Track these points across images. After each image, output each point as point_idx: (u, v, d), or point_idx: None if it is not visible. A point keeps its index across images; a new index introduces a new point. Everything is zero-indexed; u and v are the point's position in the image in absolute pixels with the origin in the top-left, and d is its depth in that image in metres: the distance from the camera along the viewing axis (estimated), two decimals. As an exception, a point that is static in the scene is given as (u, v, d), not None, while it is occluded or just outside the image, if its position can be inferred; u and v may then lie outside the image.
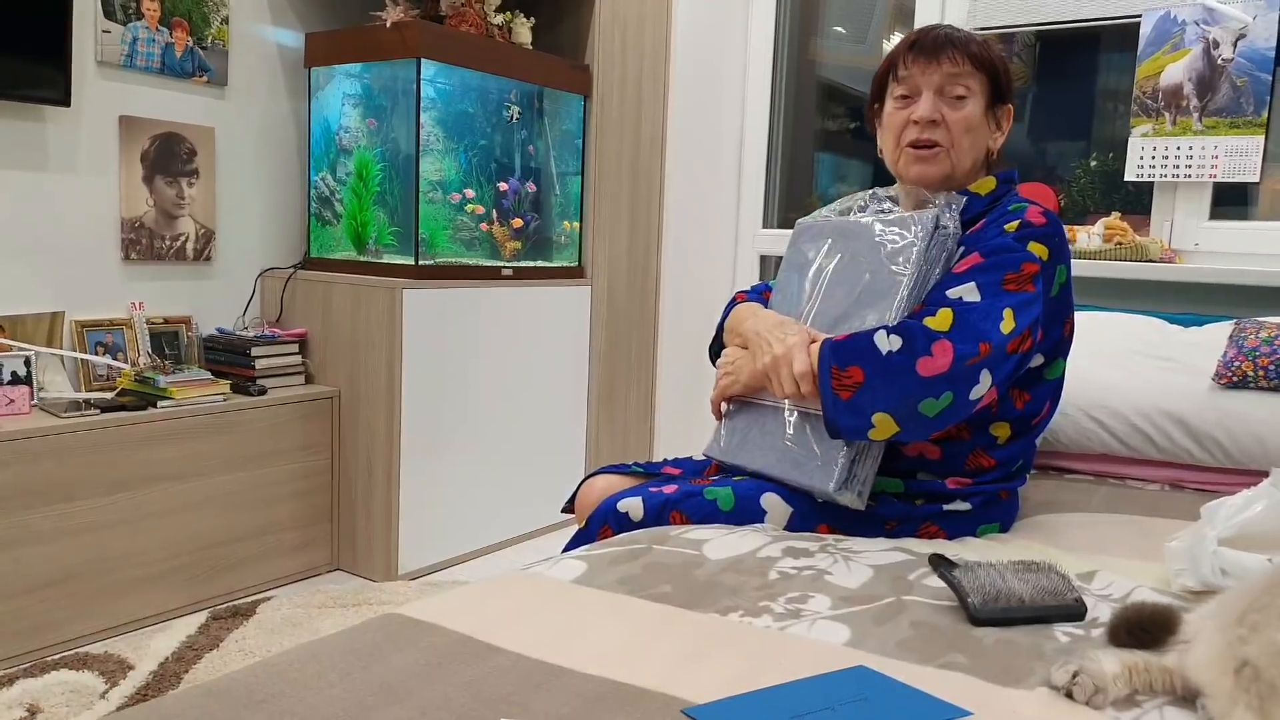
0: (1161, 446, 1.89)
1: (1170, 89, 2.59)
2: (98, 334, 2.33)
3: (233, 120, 2.60)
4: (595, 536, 1.43)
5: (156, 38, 2.39)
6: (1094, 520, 1.59)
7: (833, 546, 1.31)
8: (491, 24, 2.70)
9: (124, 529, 2.11)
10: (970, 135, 1.44)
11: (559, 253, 3.06)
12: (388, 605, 2.25)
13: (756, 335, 1.42)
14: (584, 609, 1.06)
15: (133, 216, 2.39)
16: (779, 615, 1.06)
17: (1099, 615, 1.08)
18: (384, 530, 2.50)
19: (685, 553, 1.25)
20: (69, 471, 2.01)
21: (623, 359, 3.23)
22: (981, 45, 1.45)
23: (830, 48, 3.59)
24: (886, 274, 1.38)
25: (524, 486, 2.88)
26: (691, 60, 3.36)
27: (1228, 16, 2.50)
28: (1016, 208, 1.40)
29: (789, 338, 1.35)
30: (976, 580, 1.09)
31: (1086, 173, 2.92)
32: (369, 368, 2.50)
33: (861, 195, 1.58)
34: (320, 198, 2.76)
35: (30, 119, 2.20)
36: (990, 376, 1.27)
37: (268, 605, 2.23)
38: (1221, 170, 2.52)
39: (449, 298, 2.57)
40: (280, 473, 2.43)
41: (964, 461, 1.42)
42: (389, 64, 2.61)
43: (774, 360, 1.35)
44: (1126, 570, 1.27)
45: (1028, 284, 1.32)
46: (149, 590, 2.17)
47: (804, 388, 1.31)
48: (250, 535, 2.37)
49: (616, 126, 3.09)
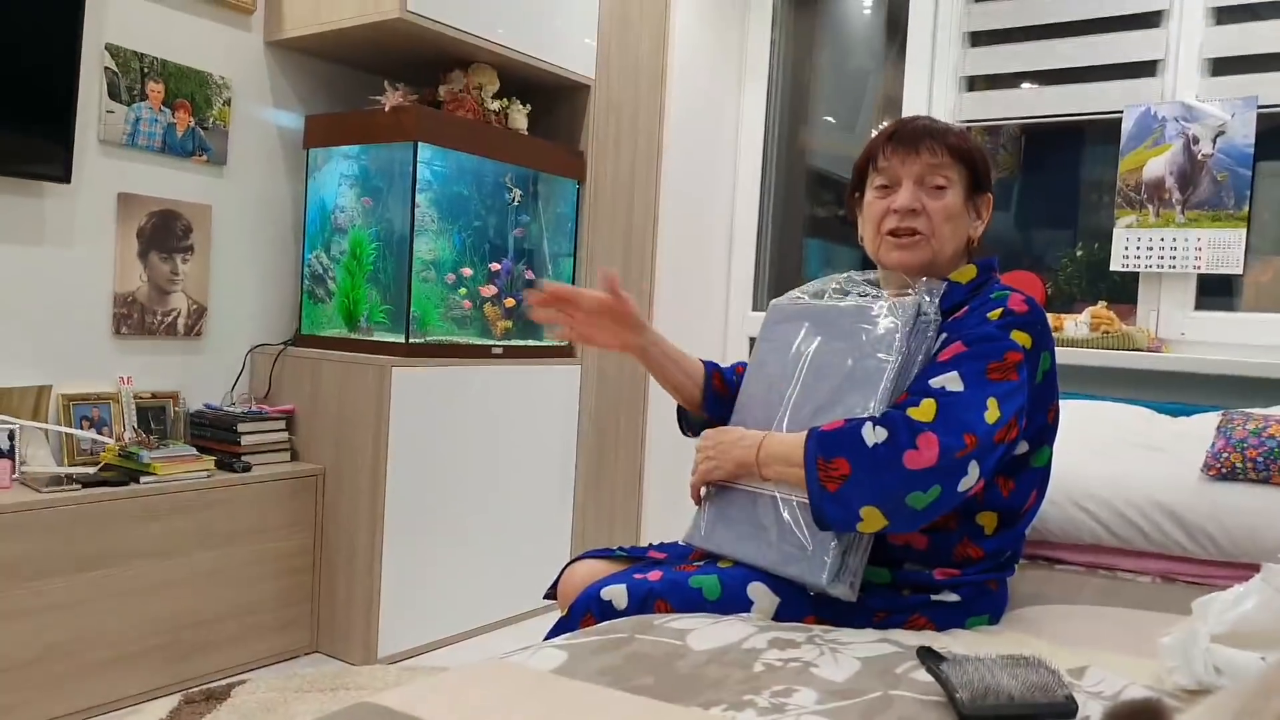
0: (1152, 538, 1.88)
1: (1153, 182, 2.64)
2: (84, 408, 2.32)
3: (230, 198, 2.63)
4: (578, 624, 1.40)
5: (159, 118, 2.43)
6: (1085, 613, 1.57)
7: (820, 637, 1.28)
8: (488, 110, 2.75)
9: (100, 606, 2.06)
10: (951, 224, 1.46)
11: (549, 332, 3.07)
12: (365, 691, 2.20)
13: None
14: (563, 702, 1.03)
15: (126, 291, 2.40)
16: (763, 709, 1.03)
17: (1090, 714, 1.05)
18: (364, 612, 2.45)
19: (669, 643, 1.22)
20: (47, 547, 1.97)
21: (610, 440, 3.22)
22: (960, 136, 1.48)
23: (820, 136, 3.68)
24: (870, 361, 1.38)
25: (508, 569, 2.84)
26: (684, 147, 3.43)
27: (1207, 114, 2.57)
28: (999, 295, 1.41)
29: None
30: (965, 675, 1.07)
31: (1073, 262, 2.97)
32: (355, 445, 2.48)
33: (837, 277, 1.56)
34: (313, 275, 2.78)
35: (29, 194, 2.22)
36: (978, 468, 1.26)
37: (242, 689, 2.18)
38: (1205, 262, 2.56)
39: (438, 376, 2.57)
40: (262, 551, 2.39)
41: (951, 552, 1.40)
42: (386, 146, 2.66)
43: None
44: (1118, 666, 1.25)
45: (1011, 373, 1.32)
46: (123, 671, 2.11)
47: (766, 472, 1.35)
48: (229, 615, 2.32)
49: (609, 210, 3.14)
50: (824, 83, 3.67)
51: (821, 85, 3.67)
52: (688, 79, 3.41)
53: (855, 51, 3.63)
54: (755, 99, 3.62)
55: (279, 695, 2.15)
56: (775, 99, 3.65)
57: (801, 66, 3.68)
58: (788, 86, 3.68)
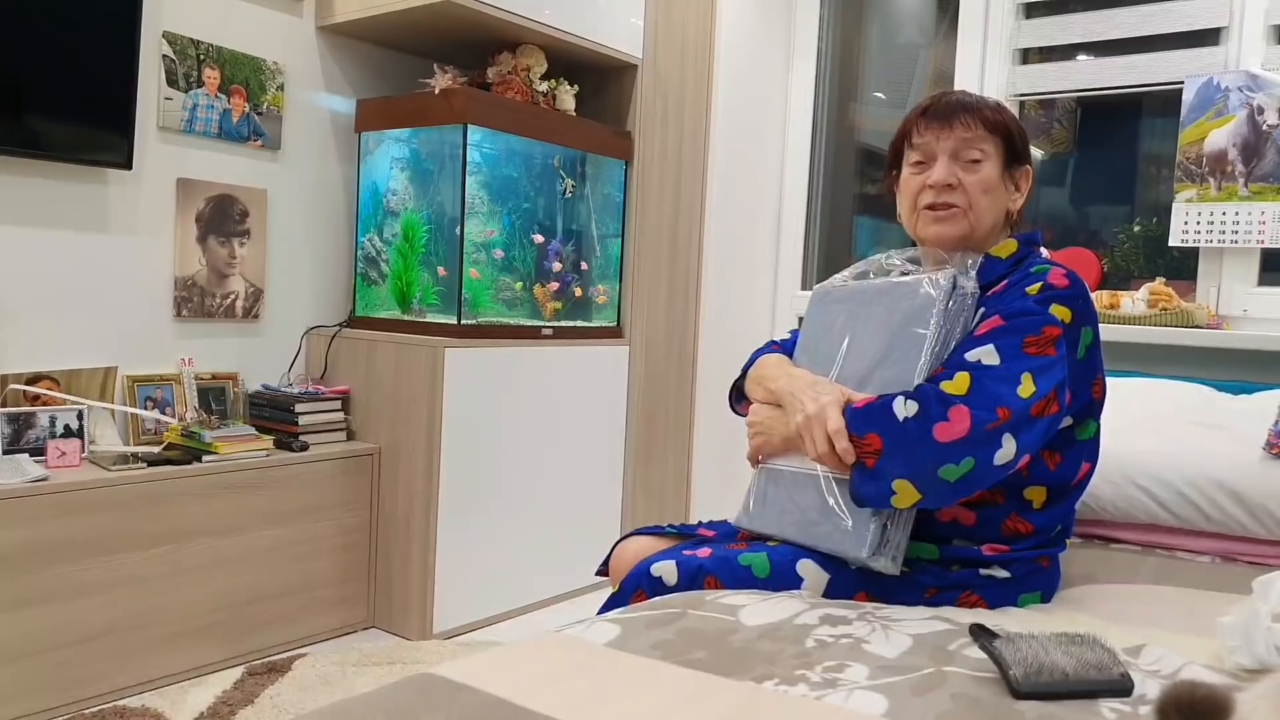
0: (1212, 517, 1.85)
1: (1215, 155, 2.58)
2: (148, 388, 2.39)
3: (285, 182, 2.68)
4: (629, 600, 1.42)
5: (215, 104, 2.48)
6: (1141, 592, 1.55)
7: (871, 614, 1.29)
8: (537, 91, 2.76)
9: (165, 582, 2.13)
10: (988, 196, 1.44)
11: (598, 313, 3.09)
12: (422, 665, 2.24)
13: (790, 395, 1.42)
14: (618, 674, 1.05)
15: (185, 275, 2.46)
16: (815, 684, 1.04)
17: (1146, 692, 1.05)
18: (420, 588, 2.50)
19: (721, 618, 1.23)
20: (115, 524, 2.04)
21: (660, 419, 3.23)
22: (995, 109, 1.46)
23: (869, 113, 3.63)
24: (908, 334, 1.37)
25: (560, 546, 2.87)
26: (732, 126, 3.42)
27: (1273, 83, 2.49)
28: (1039, 269, 1.39)
29: (822, 396, 1.35)
30: (1019, 652, 1.07)
31: (1130, 238, 2.91)
32: (410, 425, 2.52)
33: (878, 258, 1.57)
34: (367, 258, 2.82)
35: (93, 181, 2.28)
36: (1014, 441, 1.25)
37: (303, 662, 2.23)
38: (1269, 236, 2.50)
39: (489, 357, 2.60)
40: (320, 529, 2.45)
41: (999, 527, 1.40)
42: (437, 129, 2.68)
43: (807, 419, 1.34)
44: (1176, 645, 1.24)
45: (1049, 347, 1.30)
46: (187, 644, 2.18)
47: (839, 444, 1.30)
48: (288, 591, 2.38)
49: (657, 190, 3.14)
50: (874, 58, 3.62)
51: (871, 61, 3.63)
52: (735, 57, 3.39)
53: (906, 26, 3.58)
54: (804, 76, 3.59)
55: (338, 669, 2.20)
56: (824, 75, 3.61)
57: (851, 42, 3.63)
58: (837, 62, 3.63)
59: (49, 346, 2.24)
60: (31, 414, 2.13)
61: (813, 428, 1.33)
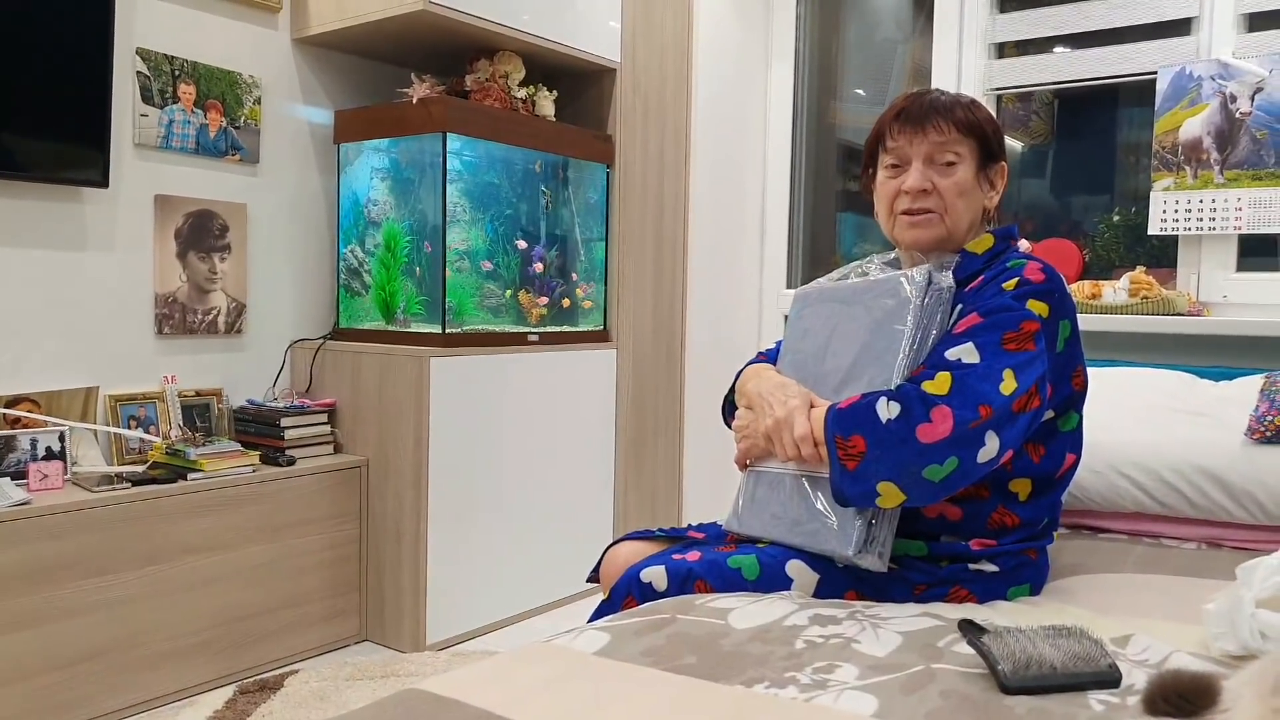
0: (1196, 504, 1.86)
1: (1190, 143, 2.59)
2: (131, 408, 2.37)
3: (264, 196, 2.66)
4: (619, 606, 1.42)
5: (192, 119, 2.47)
6: (1128, 582, 1.55)
7: (860, 613, 1.29)
8: (515, 98, 2.76)
9: (153, 602, 2.12)
10: (964, 199, 1.45)
11: (584, 317, 3.09)
12: (415, 677, 2.24)
13: (759, 396, 1.44)
14: (607, 682, 1.05)
15: (166, 292, 2.45)
16: (805, 686, 1.04)
17: (1135, 682, 1.05)
18: (412, 600, 2.49)
19: (710, 622, 1.23)
20: (100, 545, 2.03)
21: (649, 423, 3.23)
22: (968, 108, 1.46)
23: (849, 110, 3.64)
24: (886, 333, 1.38)
25: (551, 553, 2.87)
26: (712, 126, 3.42)
27: (1244, 71, 2.51)
28: (1015, 264, 1.39)
29: (790, 400, 1.37)
30: (1007, 647, 1.07)
31: (1110, 227, 2.92)
32: (397, 436, 2.51)
33: (858, 263, 1.59)
34: (349, 269, 2.81)
35: (70, 200, 2.27)
36: (997, 438, 1.26)
37: (295, 678, 2.22)
38: (1245, 222, 2.51)
39: (476, 365, 2.59)
40: (309, 543, 2.43)
41: (986, 521, 1.40)
42: (416, 138, 2.68)
43: (775, 423, 1.37)
44: (1163, 634, 1.24)
45: (1028, 342, 1.31)
46: (177, 665, 2.17)
47: (804, 450, 1.32)
48: (279, 607, 2.37)
49: (640, 193, 3.14)
50: (852, 55, 3.63)
51: (849, 58, 3.63)
52: (714, 58, 3.40)
53: (883, 22, 3.59)
54: (783, 75, 3.60)
55: (331, 684, 2.19)
56: (803, 74, 3.62)
57: (828, 40, 3.64)
58: (815, 61, 3.64)
59: (28, 368, 2.22)
60: (12, 437, 2.12)
61: (780, 432, 1.35)
